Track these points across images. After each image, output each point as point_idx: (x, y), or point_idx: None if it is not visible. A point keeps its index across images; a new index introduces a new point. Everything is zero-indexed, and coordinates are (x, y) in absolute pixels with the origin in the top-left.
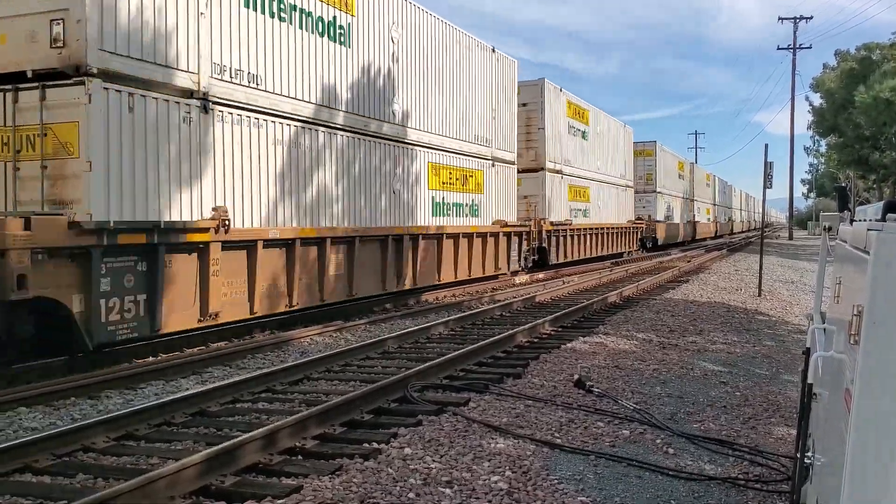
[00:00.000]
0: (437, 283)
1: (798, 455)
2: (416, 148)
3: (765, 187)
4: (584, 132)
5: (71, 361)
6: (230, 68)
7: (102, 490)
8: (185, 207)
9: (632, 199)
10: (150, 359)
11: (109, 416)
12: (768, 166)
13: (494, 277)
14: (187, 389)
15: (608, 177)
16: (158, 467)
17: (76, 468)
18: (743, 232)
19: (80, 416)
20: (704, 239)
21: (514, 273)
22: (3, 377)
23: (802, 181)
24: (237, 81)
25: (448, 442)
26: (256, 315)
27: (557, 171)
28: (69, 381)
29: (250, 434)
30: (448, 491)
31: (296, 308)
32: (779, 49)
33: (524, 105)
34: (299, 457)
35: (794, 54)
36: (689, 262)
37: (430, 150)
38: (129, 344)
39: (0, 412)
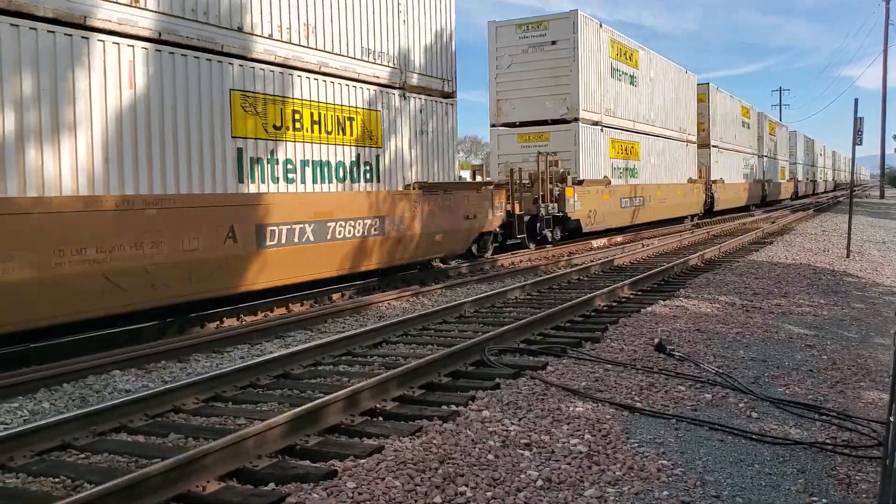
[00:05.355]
0: None
1: (891, 419)
2: None
3: (854, 143)
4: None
5: (162, 325)
6: None
7: (194, 448)
8: None
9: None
10: (236, 323)
11: (198, 378)
12: (858, 121)
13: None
14: (271, 353)
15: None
16: (245, 427)
17: (168, 428)
18: (828, 192)
19: (170, 379)
20: (780, 201)
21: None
22: (97, 341)
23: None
24: None
25: (526, 405)
26: None
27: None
28: (159, 345)
29: (332, 395)
30: (527, 453)
31: None
32: None
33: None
34: (380, 418)
35: (888, 2)
36: (773, 223)
37: None
38: None
39: (96, 375)
